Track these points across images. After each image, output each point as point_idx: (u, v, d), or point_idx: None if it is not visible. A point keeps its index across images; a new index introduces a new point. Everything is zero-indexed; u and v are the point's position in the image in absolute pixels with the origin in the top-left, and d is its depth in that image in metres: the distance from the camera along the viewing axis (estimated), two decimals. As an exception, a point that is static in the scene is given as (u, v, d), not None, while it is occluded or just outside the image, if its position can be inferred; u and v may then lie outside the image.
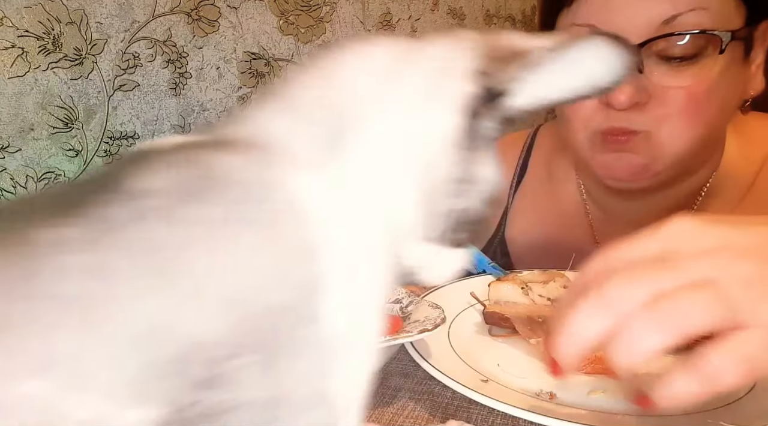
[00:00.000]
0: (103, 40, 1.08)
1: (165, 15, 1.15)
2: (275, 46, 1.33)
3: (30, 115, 1.01)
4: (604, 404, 0.42)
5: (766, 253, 0.30)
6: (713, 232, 0.32)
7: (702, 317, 0.30)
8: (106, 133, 1.10)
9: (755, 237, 0.31)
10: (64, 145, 1.05)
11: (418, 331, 0.42)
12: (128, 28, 1.10)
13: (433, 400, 0.45)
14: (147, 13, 1.12)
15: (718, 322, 0.30)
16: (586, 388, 0.44)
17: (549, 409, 0.39)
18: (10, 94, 0.99)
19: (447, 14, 1.74)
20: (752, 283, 0.30)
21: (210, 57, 1.23)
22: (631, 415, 0.40)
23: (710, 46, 0.55)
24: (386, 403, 0.44)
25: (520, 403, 0.39)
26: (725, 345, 0.30)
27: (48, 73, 1.02)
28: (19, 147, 1.00)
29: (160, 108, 1.17)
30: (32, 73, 1.00)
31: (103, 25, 1.07)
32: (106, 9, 1.07)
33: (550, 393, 0.43)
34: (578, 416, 0.38)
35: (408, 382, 0.47)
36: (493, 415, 0.42)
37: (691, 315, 0.30)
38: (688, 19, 0.54)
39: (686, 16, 0.54)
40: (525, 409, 0.38)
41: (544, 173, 0.81)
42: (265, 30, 1.31)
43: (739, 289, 0.30)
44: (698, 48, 0.55)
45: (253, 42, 1.29)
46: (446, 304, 0.49)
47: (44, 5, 1.00)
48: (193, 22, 1.19)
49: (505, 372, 0.47)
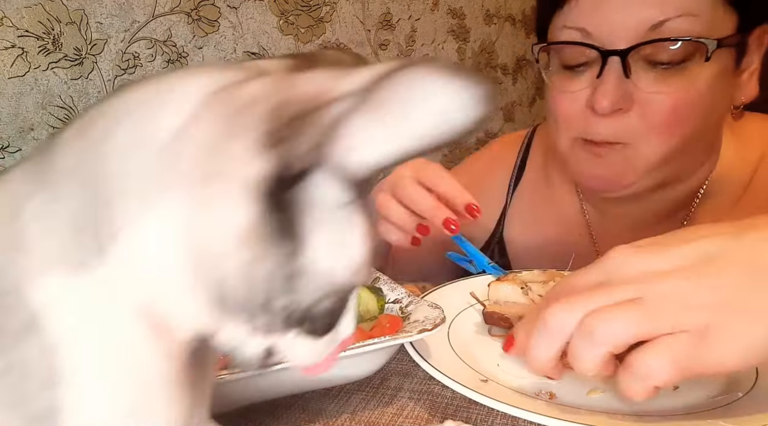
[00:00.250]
0: (103, 40, 1.08)
1: (165, 15, 1.15)
2: (275, 46, 1.33)
3: (30, 115, 1.01)
4: (604, 404, 0.42)
5: (685, 274, 0.35)
6: (643, 259, 0.37)
7: (627, 328, 0.34)
8: (106, 133, 1.11)
9: (677, 260, 0.36)
10: (64, 145, 1.05)
11: (418, 331, 0.42)
12: (128, 28, 1.11)
13: (433, 400, 0.45)
14: (147, 13, 1.12)
15: (644, 332, 0.34)
16: (586, 388, 0.44)
17: (549, 409, 0.39)
18: (10, 94, 0.99)
19: (447, 14, 1.74)
20: (672, 298, 0.34)
21: (210, 57, 1.23)
22: (631, 415, 0.40)
23: (698, 53, 0.55)
24: (386, 403, 0.44)
25: (520, 403, 0.39)
26: (655, 346, 0.34)
27: (48, 73, 1.02)
28: (19, 147, 1.00)
29: (160, 108, 1.17)
30: (32, 73, 1.00)
31: (103, 25, 1.07)
32: (106, 9, 1.07)
33: (550, 393, 0.43)
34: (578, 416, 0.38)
35: (408, 382, 0.47)
36: (492, 415, 0.42)
37: (617, 327, 0.34)
38: (676, 25, 0.54)
39: (674, 22, 0.54)
40: (525, 409, 0.38)
41: (541, 174, 0.81)
42: (265, 30, 1.31)
43: (661, 304, 0.34)
44: (685, 54, 0.55)
45: (253, 42, 1.29)
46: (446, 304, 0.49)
47: (44, 5, 1.00)
48: (193, 22, 1.19)
49: (505, 372, 0.47)
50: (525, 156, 0.84)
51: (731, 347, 0.33)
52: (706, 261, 0.35)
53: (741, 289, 0.34)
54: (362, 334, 0.46)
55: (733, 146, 0.68)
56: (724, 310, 0.33)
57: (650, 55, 0.56)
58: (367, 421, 0.42)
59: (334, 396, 0.45)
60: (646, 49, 0.56)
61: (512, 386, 0.44)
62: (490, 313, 0.54)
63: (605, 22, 0.57)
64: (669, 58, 0.56)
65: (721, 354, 0.33)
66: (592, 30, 0.58)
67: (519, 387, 0.44)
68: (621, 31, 0.56)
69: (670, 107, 0.57)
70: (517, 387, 0.44)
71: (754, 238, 0.35)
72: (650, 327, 0.34)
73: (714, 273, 0.34)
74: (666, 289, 0.35)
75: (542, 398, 0.43)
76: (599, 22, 0.57)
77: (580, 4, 0.58)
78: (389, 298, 0.52)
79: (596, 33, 0.57)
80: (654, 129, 0.58)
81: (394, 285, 0.53)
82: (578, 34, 0.59)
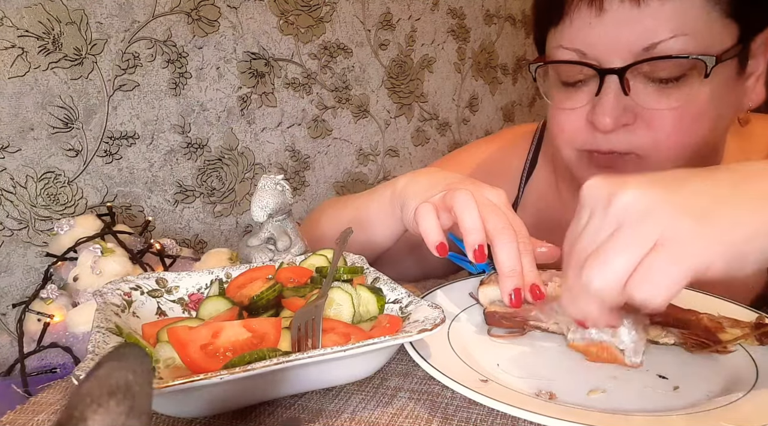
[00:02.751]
0: (103, 40, 1.08)
1: (165, 15, 1.15)
2: (275, 46, 1.33)
3: (30, 115, 1.01)
4: (604, 404, 0.42)
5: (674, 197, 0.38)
6: (640, 196, 0.39)
7: (667, 276, 0.37)
8: (106, 133, 1.10)
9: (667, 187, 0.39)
10: (64, 145, 1.05)
11: (418, 331, 0.42)
12: (128, 28, 1.10)
13: (433, 400, 0.45)
14: (147, 13, 1.12)
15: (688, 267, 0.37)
16: (586, 388, 0.44)
17: (549, 409, 0.39)
18: (10, 94, 0.99)
19: (447, 14, 1.74)
20: (683, 231, 0.37)
21: (210, 57, 1.23)
22: (632, 415, 0.40)
23: (696, 69, 0.55)
24: (386, 403, 0.44)
25: (520, 403, 0.39)
26: (661, 252, 0.36)
27: (48, 73, 1.02)
28: (19, 147, 1.00)
29: (160, 108, 1.17)
30: (32, 73, 1.00)
31: (103, 25, 1.07)
32: (106, 9, 1.07)
33: (550, 393, 0.43)
34: (578, 416, 0.38)
35: (408, 382, 0.47)
36: (493, 415, 0.42)
37: (661, 280, 0.36)
38: (669, 46, 0.54)
39: (667, 43, 0.54)
40: (525, 409, 0.38)
41: (551, 176, 0.81)
42: (265, 30, 1.31)
43: (677, 239, 0.37)
44: (684, 70, 0.55)
45: (253, 42, 1.29)
46: (446, 304, 0.49)
47: (44, 5, 1.00)
48: (193, 22, 1.19)
49: (504, 372, 0.47)
50: (537, 149, 0.83)
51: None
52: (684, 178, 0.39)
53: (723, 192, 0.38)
54: (362, 334, 0.46)
55: (737, 144, 0.68)
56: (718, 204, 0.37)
57: (648, 73, 0.56)
58: (367, 421, 0.42)
59: (334, 396, 0.45)
60: (644, 67, 0.55)
61: (512, 386, 0.44)
62: (491, 313, 0.54)
63: (599, 43, 0.56)
64: (667, 75, 0.55)
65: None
66: (587, 50, 0.57)
67: (519, 387, 0.44)
68: (615, 51, 0.56)
69: (675, 119, 0.56)
70: (518, 387, 0.44)
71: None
72: (687, 262, 0.36)
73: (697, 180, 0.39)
74: (676, 225, 0.37)
75: (542, 398, 0.43)
76: (593, 43, 0.57)
77: (574, 26, 0.58)
78: (389, 298, 0.52)
79: (592, 53, 0.57)
80: (664, 139, 0.57)
81: (394, 285, 0.53)
82: (574, 54, 0.58)
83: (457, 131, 1.85)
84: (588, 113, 0.60)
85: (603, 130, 0.58)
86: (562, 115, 0.63)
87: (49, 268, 0.88)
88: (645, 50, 0.55)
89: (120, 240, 0.88)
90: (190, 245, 1.24)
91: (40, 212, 1.04)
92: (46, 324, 0.80)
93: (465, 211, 0.52)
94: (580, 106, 0.60)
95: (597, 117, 0.58)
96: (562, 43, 0.59)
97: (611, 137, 0.59)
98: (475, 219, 0.51)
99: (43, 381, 0.76)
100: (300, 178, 1.44)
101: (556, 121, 0.64)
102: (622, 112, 0.57)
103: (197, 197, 1.25)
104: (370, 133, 1.58)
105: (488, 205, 0.53)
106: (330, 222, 0.77)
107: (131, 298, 0.52)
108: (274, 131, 1.36)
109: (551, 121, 0.65)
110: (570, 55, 0.59)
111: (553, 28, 0.60)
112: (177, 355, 0.43)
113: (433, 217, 0.54)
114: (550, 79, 0.64)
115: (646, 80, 0.56)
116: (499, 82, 1.98)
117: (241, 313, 0.51)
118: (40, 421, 0.44)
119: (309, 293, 0.52)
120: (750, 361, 0.47)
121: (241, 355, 0.40)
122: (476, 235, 0.51)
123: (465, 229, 0.52)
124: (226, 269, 0.58)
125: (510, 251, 0.50)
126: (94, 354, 0.39)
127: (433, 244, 0.53)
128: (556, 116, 0.64)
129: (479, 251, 0.51)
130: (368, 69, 1.54)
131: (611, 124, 0.57)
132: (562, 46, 0.59)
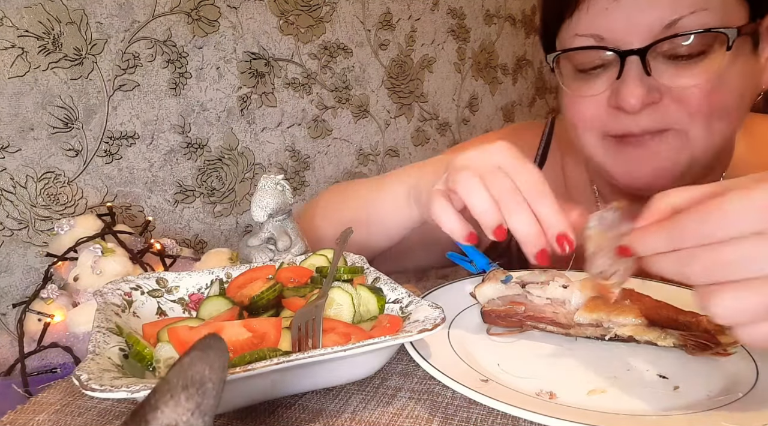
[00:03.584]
0: (103, 40, 1.08)
1: (165, 15, 1.15)
2: (275, 46, 1.33)
3: (30, 115, 1.01)
4: (604, 404, 0.42)
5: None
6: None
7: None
8: (106, 133, 1.10)
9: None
10: (64, 145, 1.05)
11: (418, 331, 0.42)
12: (128, 28, 1.11)
13: (433, 400, 0.45)
14: (147, 13, 1.12)
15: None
16: (586, 388, 0.44)
17: (549, 409, 0.39)
18: (10, 94, 0.99)
19: (447, 14, 1.74)
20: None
21: (210, 57, 1.23)
22: (632, 415, 0.40)
23: (716, 44, 0.55)
24: (386, 403, 0.44)
25: (520, 403, 0.39)
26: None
27: (48, 73, 1.02)
28: (19, 147, 1.01)
29: (160, 108, 1.17)
30: (32, 73, 1.00)
31: (103, 25, 1.07)
32: (106, 9, 1.07)
33: (550, 393, 0.43)
34: (578, 416, 0.38)
35: (408, 382, 0.47)
36: (493, 415, 0.42)
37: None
38: (689, 22, 0.54)
39: (688, 19, 0.54)
40: (525, 409, 0.38)
41: (559, 167, 0.81)
42: (265, 30, 1.31)
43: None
44: (704, 46, 0.55)
45: (253, 42, 1.29)
46: (446, 304, 0.49)
47: (44, 5, 1.00)
48: (193, 22, 1.19)
49: (505, 372, 0.47)
50: (546, 146, 0.82)
51: None
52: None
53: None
54: (362, 334, 0.46)
55: (745, 144, 0.68)
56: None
57: (669, 51, 0.56)
58: (367, 421, 0.42)
59: (334, 396, 0.45)
60: (664, 46, 0.55)
61: (512, 386, 0.44)
62: (488, 312, 0.54)
63: (618, 26, 0.57)
64: (688, 51, 0.56)
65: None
66: (606, 35, 0.57)
67: (519, 387, 0.44)
68: (635, 32, 0.56)
69: (700, 93, 0.56)
70: (518, 387, 0.44)
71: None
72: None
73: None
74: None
75: (542, 398, 0.43)
76: (612, 27, 0.57)
77: (590, 12, 0.58)
78: (389, 298, 0.52)
79: (610, 37, 0.57)
80: (696, 113, 0.57)
81: (394, 285, 0.53)
82: (591, 40, 0.58)
83: (457, 131, 1.85)
84: (609, 98, 0.60)
85: (631, 110, 0.58)
86: (581, 102, 0.62)
87: (49, 268, 0.89)
88: (666, 28, 0.55)
89: (120, 240, 0.88)
90: (190, 245, 1.24)
91: (40, 212, 1.04)
92: (47, 324, 0.80)
93: (470, 193, 0.50)
94: (599, 93, 0.60)
95: (623, 98, 0.57)
96: (577, 31, 0.59)
97: (640, 119, 0.59)
98: (482, 199, 0.49)
99: (44, 381, 0.76)
100: (300, 178, 1.44)
101: (575, 109, 0.63)
102: (646, 93, 0.57)
103: (197, 197, 1.25)
104: (370, 133, 1.58)
105: (490, 172, 0.50)
106: (335, 211, 0.77)
107: (132, 298, 0.52)
108: (274, 131, 1.36)
109: (569, 111, 0.65)
110: (587, 41, 0.59)
111: (568, 20, 0.60)
112: (177, 354, 0.43)
113: (450, 210, 0.53)
114: (563, 69, 0.64)
115: (666, 59, 0.56)
116: (499, 82, 1.98)
117: (242, 313, 0.51)
118: (40, 421, 0.44)
119: (309, 293, 0.53)
120: (750, 361, 0.47)
121: (241, 355, 0.40)
122: (489, 216, 0.49)
123: (476, 214, 0.50)
124: (227, 269, 0.58)
125: (519, 217, 0.48)
126: (94, 354, 0.39)
127: (462, 238, 0.52)
128: (574, 105, 0.63)
129: (498, 230, 0.49)
130: (368, 69, 1.54)
131: (638, 105, 0.57)
132: (578, 33, 0.59)
